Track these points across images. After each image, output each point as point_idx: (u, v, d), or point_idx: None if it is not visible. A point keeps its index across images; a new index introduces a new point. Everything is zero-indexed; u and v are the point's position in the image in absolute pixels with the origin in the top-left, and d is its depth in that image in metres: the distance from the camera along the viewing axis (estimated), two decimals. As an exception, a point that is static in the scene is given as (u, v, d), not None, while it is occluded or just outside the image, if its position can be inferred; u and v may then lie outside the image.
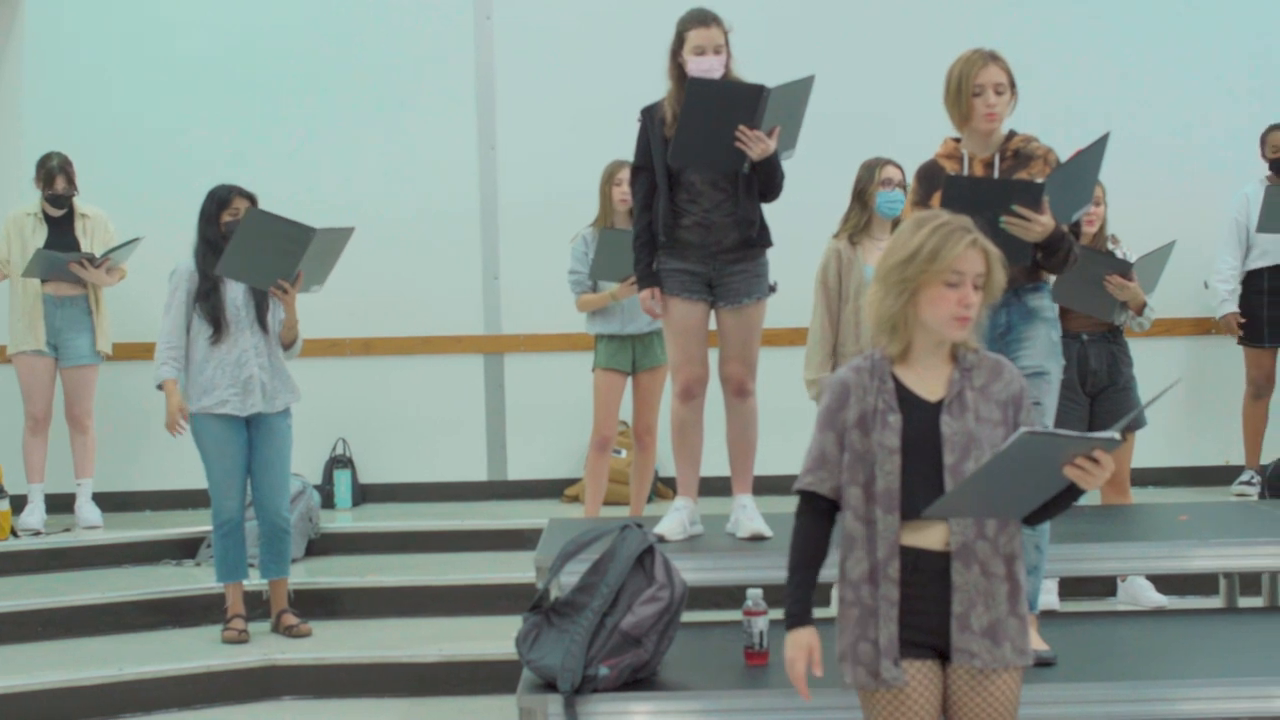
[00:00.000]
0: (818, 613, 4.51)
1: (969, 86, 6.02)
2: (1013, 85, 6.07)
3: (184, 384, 8.15)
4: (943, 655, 4.40)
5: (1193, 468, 10.62)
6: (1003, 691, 4.40)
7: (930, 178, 6.12)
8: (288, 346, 8.30)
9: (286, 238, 7.85)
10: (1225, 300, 10.22)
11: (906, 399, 4.40)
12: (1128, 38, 10.85)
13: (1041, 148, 6.12)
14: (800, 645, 4.45)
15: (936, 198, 5.98)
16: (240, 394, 8.14)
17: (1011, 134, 6.16)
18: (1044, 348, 6.04)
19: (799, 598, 4.47)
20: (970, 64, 6.04)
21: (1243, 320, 10.17)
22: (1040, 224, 5.83)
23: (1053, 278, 6.27)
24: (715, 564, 6.86)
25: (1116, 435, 4.25)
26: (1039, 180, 5.91)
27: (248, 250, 7.83)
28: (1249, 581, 7.51)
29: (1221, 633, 6.83)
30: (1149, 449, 9.43)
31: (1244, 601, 7.54)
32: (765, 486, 7.23)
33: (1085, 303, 7.94)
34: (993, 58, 6.06)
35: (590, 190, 9.09)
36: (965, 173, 6.06)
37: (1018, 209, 5.79)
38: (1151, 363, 9.43)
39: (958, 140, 6.18)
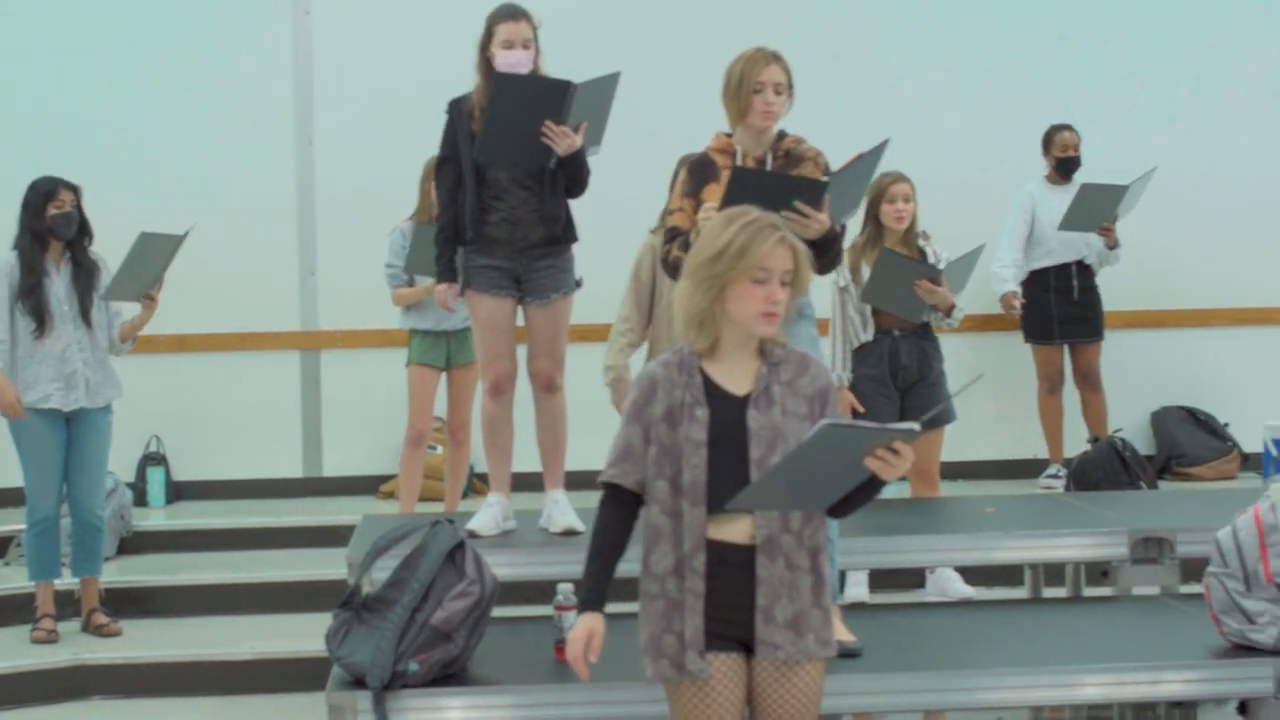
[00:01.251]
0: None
1: (749, 84, 6.08)
2: (791, 86, 6.15)
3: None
4: (747, 648, 4.44)
5: (1003, 461, 10.80)
6: (806, 683, 4.45)
7: (702, 170, 6.17)
8: (123, 341, 8.23)
9: (160, 250, 7.88)
10: (1006, 280, 10.39)
11: (714, 393, 4.43)
12: (940, 37, 11.00)
13: (812, 150, 6.20)
14: (584, 628, 4.51)
15: (708, 190, 6.04)
16: (64, 389, 8.04)
17: (783, 134, 6.24)
18: (806, 343, 6.09)
19: (592, 585, 4.52)
20: (752, 62, 6.11)
21: (1021, 301, 10.35)
22: (819, 221, 5.88)
23: (843, 276, 6.33)
24: (528, 559, 6.87)
25: (915, 426, 4.31)
26: (824, 179, 5.99)
27: (133, 267, 7.91)
28: (1053, 572, 7.64)
29: (1026, 623, 6.94)
30: (960, 442, 9.56)
31: (1048, 592, 7.68)
32: (578, 481, 7.24)
33: (895, 304, 8.04)
34: (775, 57, 6.14)
35: (409, 184, 9.05)
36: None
37: (799, 205, 5.85)
38: (963, 358, 9.59)
39: (730, 135, 6.24)
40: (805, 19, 10.69)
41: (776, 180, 6.00)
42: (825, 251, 6.02)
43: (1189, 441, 10.74)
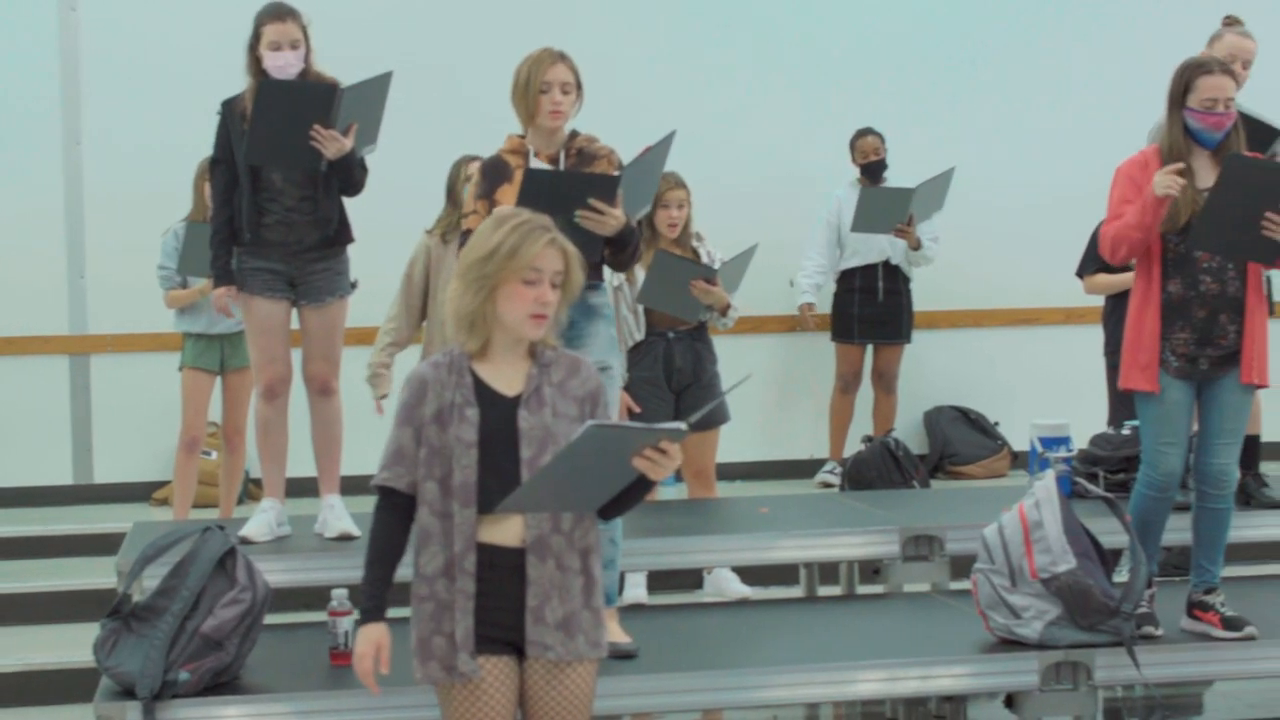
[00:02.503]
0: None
1: (536, 84, 6.10)
2: (579, 85, 6.17)
3: None
4: (519, 649, 4.44)
5: (780, 461, 10.89)
6: (577, 684, 4.46)
7: (495, 172, 6.18)
8: None
9: None
10: (805, 291, 10.52)
11: (485, 394, 4.43)
12: (710, 39, 11.07)
13: (604, 148, 6.24)
14: (370, 641, 4.45)
15: (502, 191, 6.05)
16: None
17: (575, 133, 6.27)
18: (605, 344, 6.15)
19: (373, 594, 4.47)
20: (539, 62, 6.13)
21: (814, 314, 10.47)
22: (615, 218, 5.92)
23: (617, 276, 6.37)
24: (303, 565, 6.83)
25: (682, 426, 4.33)
26: (616, 175, 6.02)
27: None
28: (828, 571, 7.74)
29: (801, 621, 7.03)
30: (737, 443, 9.64)
31: (823, 590, 7.78)
32: (355, 486, 7.18)
33: (670, 304, 8.08)
34: (561, 57, 6.16)
35: (183, 184, 8.91)
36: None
37: (594, 202, 5.88)
38: (739, 359, 9.63)
39: (522, 137, 6.25)
40: (599, 21, 10.70)
41: (569, 179, 6.03)
42: (623, 248, 6.06)
43: (961, 440, 10.93)
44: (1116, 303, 8.80)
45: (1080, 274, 8.67)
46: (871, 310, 10.52)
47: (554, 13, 10.43)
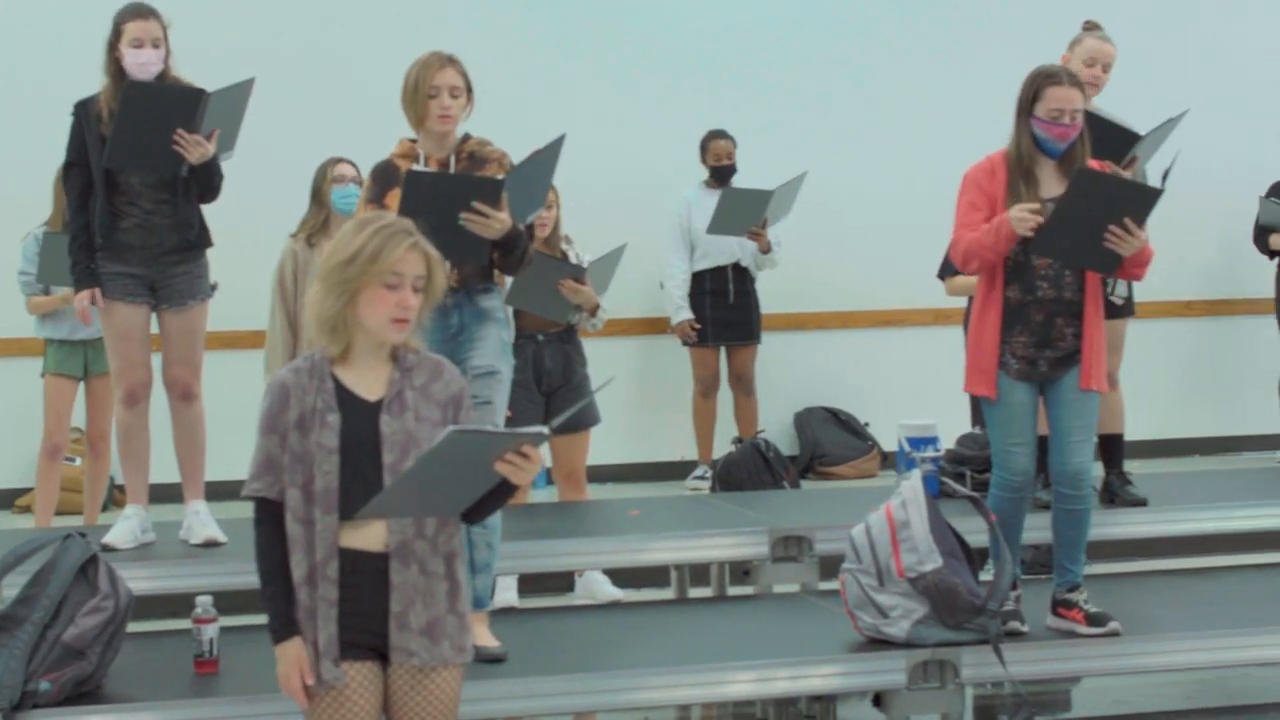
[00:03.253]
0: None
1: (425, 88, 6.08)
2: (469, 89, 6.15)
3: None
4: (383, 655, 4.41)
5: (651, 463, 10.91)
6: (442, 689, 4.43)
7: (385, 176, 6.16)
8: None
9: None
10: (681, 307, 10.53)
11: (346, 399, 4.39)
12: (600, 42, 11.07)
13: (496, 151, 6.23)
14: (290, 660, 4.37)
15: (392, 196, 6.02)
16: None
17: (467, 137, 6.26)
18: (495, 348, 6.14)
19: (275, 610, 4.39)
20: (427, 66, 6.11)
21: (697, 326, 10.51)
22: (500, 220, 5.91)
23: (507, 280, 6.36)
24: (168, 572, 6.77)
25: (544, 430, 4.33)
26: (499, 178, 6.01)
27: None
28: (699, 572, 7.75)
29: (672, 623, 7.05)
30: (608, 445, 9.65)
31: (694, 592, 7.79)
32: (220, 491, 7.14)
33: (540, 305, 8.07)
34: (450, 61, 6.15)
35: (42, 190, 8.78)
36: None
37: (478, 205, 5.86)
38: (608, 361, 9.63)
39: (414, 141, 6.23)
40: (455, 22, 10.66)
41: (452, 181, 6.02)
42: (511, 251, 6.05)
43: (831, 441, 10.99)
44: (977, 303, 8.92)
45: (941, 276, 8.76)
46: (724, 313, 10.56)
47: (420, 17, 10.37)
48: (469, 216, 5.86)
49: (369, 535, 4.37)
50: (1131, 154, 7.33)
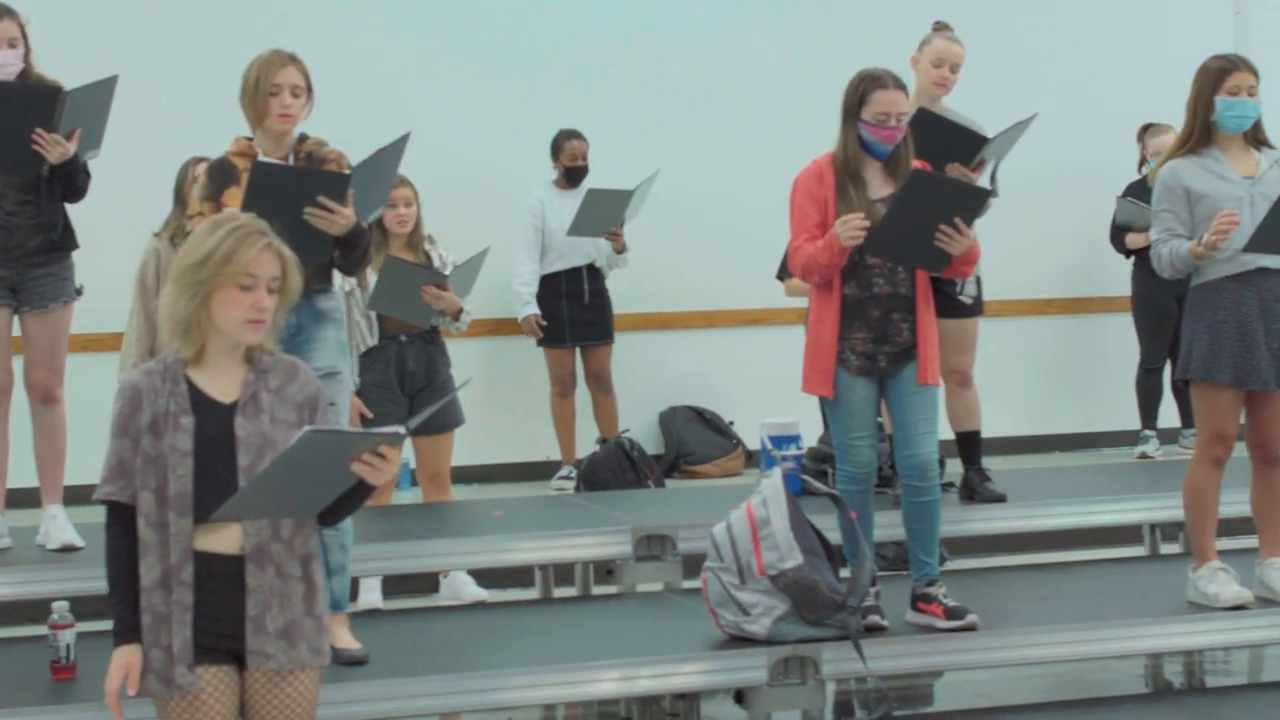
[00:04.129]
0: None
1: (266, 86, 6.05)
2: (309, 88, 6.13)
3: None
4: (239, 659, 4.38)
5: (516, 464, 10.88)
6: (300, 692, 4.41)
7: (222, 174, 6.12)
8: None
9: None
10: (527, 303, 10.53)
11: (200, 401, 4.36)
12: (451, 39, 11.04)
13: (333, 151, 6.22)
14: (119, 665, 4.35)
15: (229, 194, 5.99)
16: None
17: (304, 137, 6.23)
18: (334, 349, 6.11)
19: (120, 615, 4.36)
20: (269, 64, 6.08)
21: (544, 322, 10.51)
22: (345, 216, 5.88)
23: (348, 282, 6.33)
24: (24, 577, 6.70)
25: (401, 430, 4.33)
26: (346, 173, 5.98)
27: None
28: (563, 572, 7.76)
29: (537, 622, 7.07)
30: (473, 446, 9.64)
31: (559, 592, 7.80)
32: (79, 496, 7.04)
33: (402, 310, 8.03)
34: (292, 59, 6.13)
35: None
36: None
37: (323, 200, 5.83)
38: (468, 363, 9.63)
39: (250, 139, 6.19)
40: (314, 16, 10.60)
41: (299, 175, 5.99)
42: (353, 249, 6.03)
43: (695, 440, 11.01)
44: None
45: (780, 277, 8.85)
46: (580, 313, 10.55)
47: (266, 15, 10.28)
48: (314, 212, 5.83)
49: (224, 538, 4.34)
50: (980, 156, 7.43)
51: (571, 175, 10.53)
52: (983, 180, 7.42)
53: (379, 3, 10.99)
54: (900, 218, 6.21)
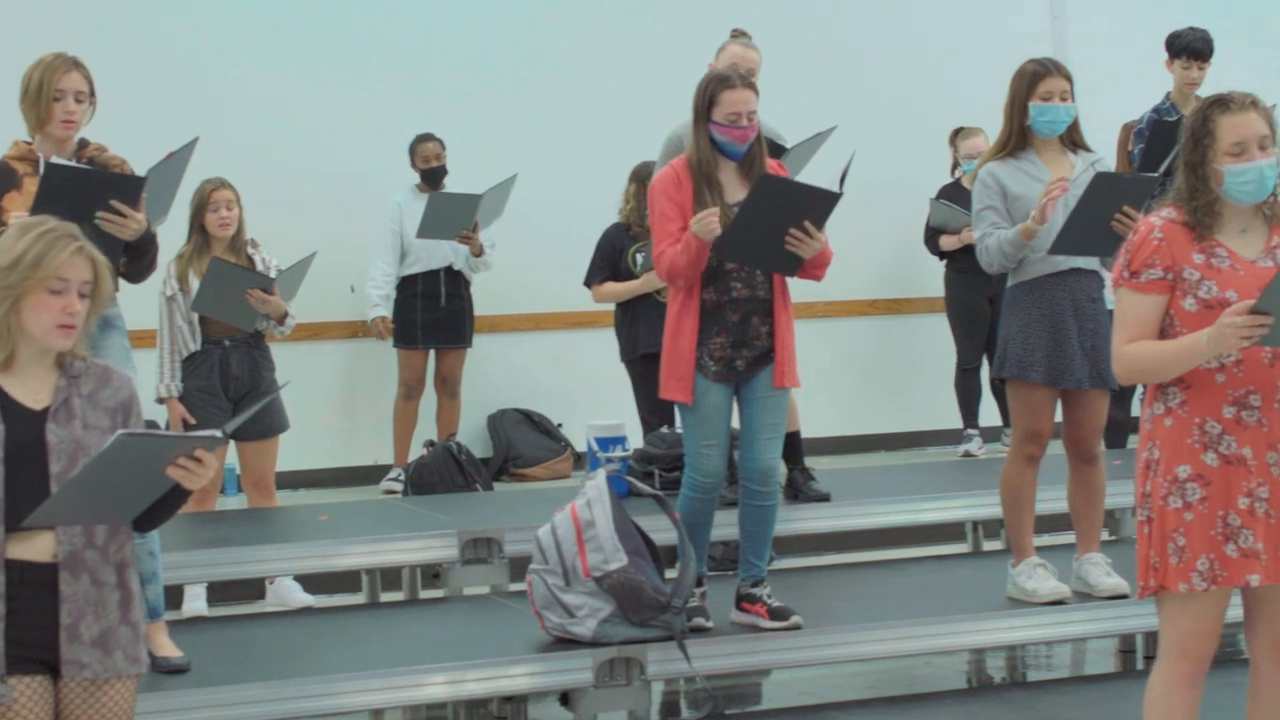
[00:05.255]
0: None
1: (50, 91, 5.97)
2: (93, 94, 6.06)
3: None
4: (54, 669, 4.32)
5: (347, 468, 10.81)
6: (116, 702, 4.36)
7: (3, 179, 6.01)
8: None
9: None
10: (377, 305, 10.49)
11: (10, 408, 4.29)
12: (303, 39, 10.94)
13: (116, 158, 6.14)
14: None
15: (9, 199, 5.91)
16: None
17: (85, 142, 6.15)
18: (120, 356, 6.00)
19: None
20: (52, 69, 5.99)
21: (392, 325, 10.47)
22: (137, 221, 5.80)
23: (170, 285, 6.22)
24: None
25: (218, 433, 4.30)
26: (140, 175, 5.90)
27: None
28: (390, 577, 7.72)
29: (364, 627, 7.03)
30: (300, 451, 9.56)
31: (386, 596, 7.77)
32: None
33: (225, 313, 7.96)
34: (76, 64, 6.05)
35: None
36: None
37: (116, 204, 5.73)
38: (303, 366, 9.57)
39: (29, 143, 6.10)
40: (164, 17, 10.47)
41: (93, 178, 5.87)
42: (142, 255, 5.93)
43: (524, 443, 11.00)
44: (625, 310, 9.06)
45: (588, 283, 8.88)
46: (434, 316, 10.52)
47: (81, 9, 10.13)
48: (106, 216, 5.73)
49: (37, 546, 4.28)
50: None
51: (429, 177, 10.49)
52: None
53: (238, 2, 10.86)
54: (750, 221, 6.20)
